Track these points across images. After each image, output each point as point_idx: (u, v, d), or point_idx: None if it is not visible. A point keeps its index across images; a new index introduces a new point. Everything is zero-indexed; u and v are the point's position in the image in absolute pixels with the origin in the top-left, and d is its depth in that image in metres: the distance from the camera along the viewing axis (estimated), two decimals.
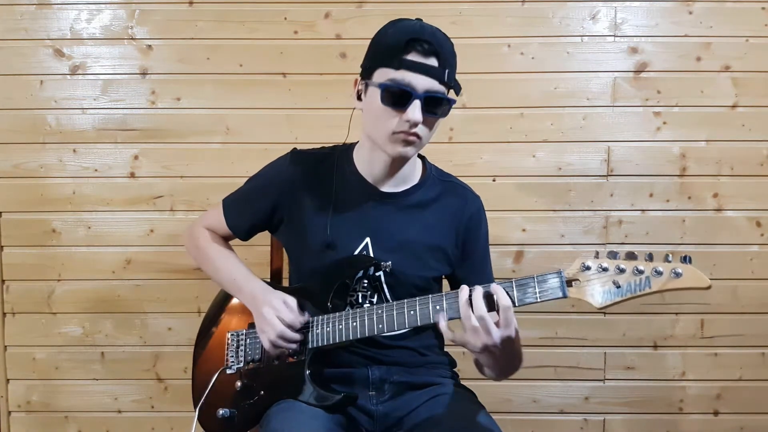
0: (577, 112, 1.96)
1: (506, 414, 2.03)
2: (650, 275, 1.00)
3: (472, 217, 1.34)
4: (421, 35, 1.16)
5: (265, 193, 1.35)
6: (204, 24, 1.93)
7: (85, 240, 2.00)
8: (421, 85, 1.16)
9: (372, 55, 1.22)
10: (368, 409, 1.29)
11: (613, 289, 1.02)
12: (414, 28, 1.18)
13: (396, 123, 1.18)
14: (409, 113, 1.16)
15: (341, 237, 1.28)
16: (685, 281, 0.98)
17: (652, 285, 1.00)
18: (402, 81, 1.16)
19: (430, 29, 1.18)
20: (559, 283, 1.06)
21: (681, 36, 1.94)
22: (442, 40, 1.18)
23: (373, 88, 1.20)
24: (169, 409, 2.05)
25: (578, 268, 1.05)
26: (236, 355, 1.33)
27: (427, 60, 1.16)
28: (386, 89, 1.17)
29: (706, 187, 1.98)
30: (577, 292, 1.05)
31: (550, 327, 2.02)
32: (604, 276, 1.03)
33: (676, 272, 0.98)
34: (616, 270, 1.02)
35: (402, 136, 1.19)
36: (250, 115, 1.96)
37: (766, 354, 2.03)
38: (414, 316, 1.16)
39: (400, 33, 1.18)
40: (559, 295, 1.06)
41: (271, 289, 1.30)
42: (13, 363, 2.04)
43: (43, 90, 1.96)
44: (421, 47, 1.15)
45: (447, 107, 1.20)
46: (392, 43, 1.17)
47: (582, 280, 1.05)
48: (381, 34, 1.22)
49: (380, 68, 1.18)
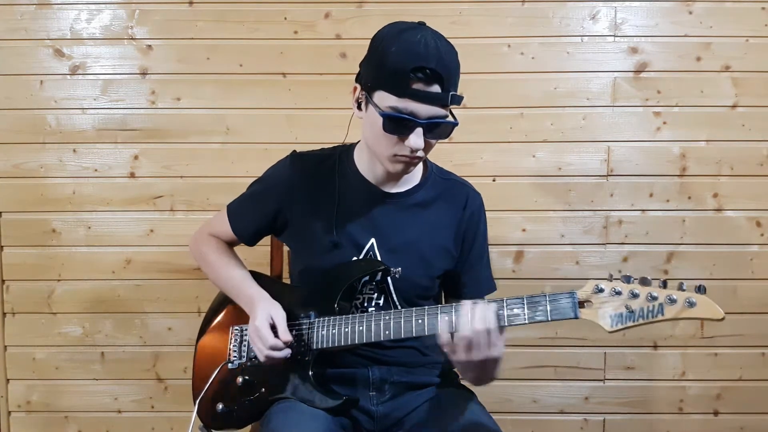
0: (577, 112, 1.96)
1: (506, 414, 2.03)
2: (664, 302, 0.99)
3: (472, 214, 1.34)
4: (426, 62, 1.11)
5: (267, 197, 1.35)
6: (204, 24, 1.93)
7: (85, 240, 2.00)
8: (424, 113, 1.14)
9: (373, 73, 1.18)
10: (368, 409, 1.29)
11: (625, 313, 1.02)
12: (417, 50, 1.12)
13: (397, 148, 1.18)
14: (412, 141, 1.15)
15: (347, 237, 1.28)
16: (698, 311, 0.98)
17: (665, 312, 1.00)
18: (405, 110, 1.13)
19: (434, 49, 1.13)
20: (572, 304, 1.05)
21: (681, 36, 1.94)
22: (447, 59, 1.14)
23: (374, 109, 1.17)
24: (169, 409, 2.05)
25: (591, 290, 1.05)
26: (239, 350, 1.33)
27: (430, 88, 1.13)
28: (389, 118, 1.15)
29: (706, 187, 1.98)
30: (589, 314, 1.05)
31: (550, 327, 2.02)
32: (617, 300, 1.03)
33: (690, 302, 0.98)
34: (630, 295, 1.02)
35: (403, 159, 1.19)
36: (250, 115, 1.96)
37: (766, 354, 2.03)
38: (422, 325, 1.15)
39: (403, 57, 1.12)
40: (571, 315, 1.06)
41: (265, 300, 1.28)
42: (13, 363, 2.04)
43: (43, 90, 1.96)
44: (424, 75, 1.12)
45: (449, 129, 1.19)
46: (395, 67, 1.12)
47: (594, 302, 1.04)
48: (383, 50, 1.15)
49: (382, 91, 1.15)
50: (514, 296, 1.10)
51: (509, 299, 1.10)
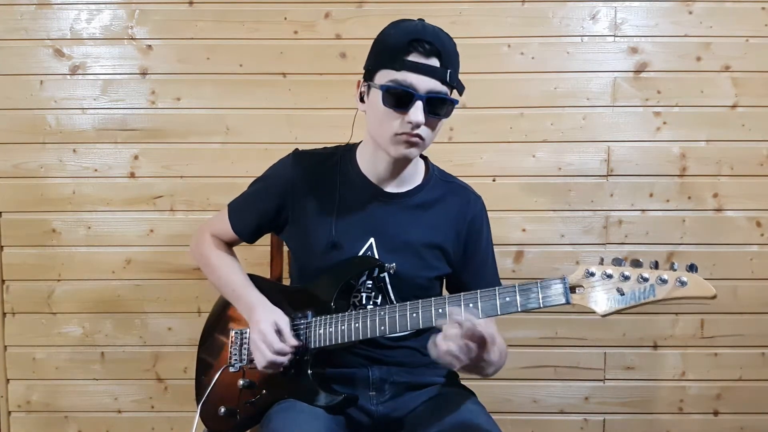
0: (577, 112, 1.96)
1: (506, 414, 2.03)
2: (655, 283, 0.99)
3: (474, 218, 1.34)
4: (423, 36, 1.15)
5: (269, 194, 1.35)
6: (204, 24, 1.93)
7: (85, 240, 2.00)
8: (423, 85, 1.15)
9: (374, 57, 1.22)
10: (368, 409, 1.29)
11: (616, 296, 1.02)
12: (416, 28, 1.18)
13: (398, 124, 1.18)
14: (411, 114, 1.16)
15: (346, 237, 1.28)
16: (689, 290, 0.98)
17: (656, 293, 1.00)
18: (404, 82, 1.15)
19: (431, 29, 1.18)
20: (563, 289, 1.06)
21: (681, 36, 1.94)
22: (445, 40, 1.18)
23: (375, 89, 1.19)
24: (169, 409, 2.05)
25: (582, 274, 1.05)
26: (239, 353, 1.33)
27: (428, 60, 1.16)
28: (388, 90, 1.16)
29: (706, 187, 1.98)
30: (581, 299, 1.05)
31: (550, 327, 2.02)
32: (608, 283, 1.03)
33: (681, 281, 0.98)
34: (621, 277, 1.02)
35: (404, 137, 1.19)
36: (250, 115, 1.96)
37: (766, 354, 2.03)
38: (416, 319, 1.16)
39: (401, 34, 1.17)
40: (562, 301, 1.06)
41: (265, 306, 1.29)
42: (13, 363, 2.04)
43: (43, 90, 1.96)
44: (422, 48, 1.15)
45: (450, 108, 1.20)
46: (394, 44, 1.17)
47: (586, 287, 1.05)
48: (383, 35, 1.22)
49: (382, 70, 1.18)
50: (507, 285, 1.10)
51: (501, 288, 1.10)
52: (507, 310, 1.09)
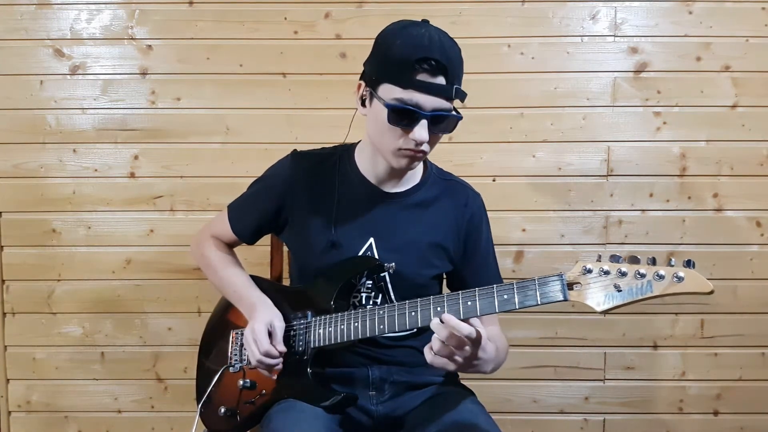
0: (577, 112, 1.96)
1: (506, 414, 2.03)
2: (652, 279, 0.99)
3: (473, 215, 1.34)
4: (430, 53, 1.12)
5: (268, 195, 1.35)
6: (204, 24, 1.93)
7: (85, 240, 2.00)
8: (429, 104, 1.14)
9: (378, 67, 1.19)
10: (368, 409, 1.29)
11: (614, 292, 1.02)
12: (422, 42, 1.14)
13: (402, 141, 1.18)
14: (416, 133, 1.15)
15: (346, 237, 1.28)
16: (687, 286, 0.98)
17: (653, 289, 0.99)
18: (410, 101, 1.14)
19: (438, 41, 1.14)
20: (560, 286, 1.06)
21: (681, 36, 1.94)
22: (450, 52, 1.15)
23: (378, 102, 1.17)
24: (169, 409, 2.05)
25: (579, 271, 1.05)
26: (239, 353, 1.33)
27: (435, 79, 1.13)
28: (393, 109, 1.15)
29: (706, 187, 1.98)
30: (578, 296, 1.05)
31: (550, 327, 2.02)
32: (605, 279, 1.03)
33: (678, 276, 0.98)
34: (618, 273, 1.02)
35: (407, 153, 1.19)
36: (250, 115, 1.96)
37: (766, 354, 2.03)
38: (415, 318, 1.16)
39: (408, 49, 1.14)
40: (560, 298, 1.06)
41: (266, 305, 1.29)
42: (13, 363, 2.04)
43: (43, 90, 1.96)
44: (429, 66, 1.12)
45: (453, 123, 1.19)
46: (400, 59, 1.14)
47: (583, 284, 1.04)
48: (387, 44, 1.18)
49: (387, 84, 1.16)
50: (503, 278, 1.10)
51: (499, 286, 1.10)
52: (505, 307, 1.09)
